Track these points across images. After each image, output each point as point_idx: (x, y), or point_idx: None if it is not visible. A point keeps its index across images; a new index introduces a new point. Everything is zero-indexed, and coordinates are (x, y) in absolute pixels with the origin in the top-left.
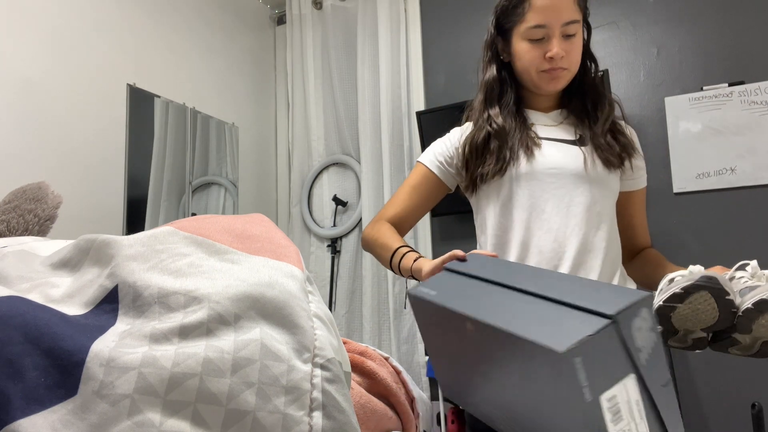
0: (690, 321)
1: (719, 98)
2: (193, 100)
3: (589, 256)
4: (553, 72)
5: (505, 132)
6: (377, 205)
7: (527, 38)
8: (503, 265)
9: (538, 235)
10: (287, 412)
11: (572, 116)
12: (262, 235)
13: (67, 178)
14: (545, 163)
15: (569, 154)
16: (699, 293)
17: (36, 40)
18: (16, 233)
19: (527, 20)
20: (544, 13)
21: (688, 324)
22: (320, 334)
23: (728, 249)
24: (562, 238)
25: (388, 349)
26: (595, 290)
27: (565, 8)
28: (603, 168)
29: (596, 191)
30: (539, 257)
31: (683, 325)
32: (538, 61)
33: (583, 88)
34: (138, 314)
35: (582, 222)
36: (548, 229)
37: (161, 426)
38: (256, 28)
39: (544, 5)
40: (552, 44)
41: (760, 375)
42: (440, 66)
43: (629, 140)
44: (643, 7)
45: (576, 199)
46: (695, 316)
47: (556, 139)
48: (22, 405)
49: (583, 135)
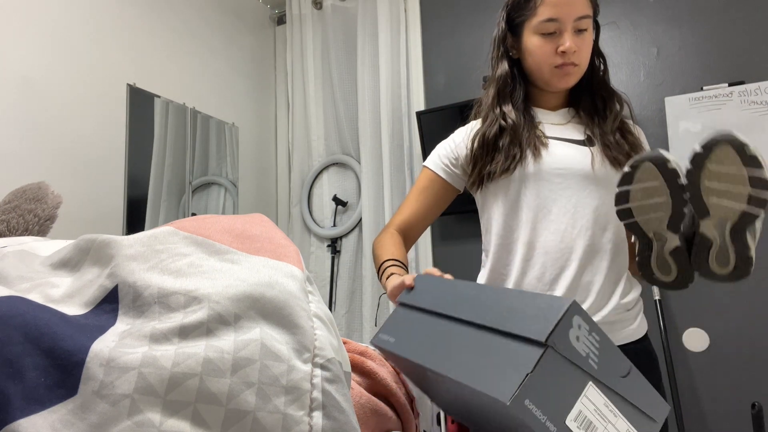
0: (648, 211)
1: (719, 98)
2: (193, 100)
3: (596, 258)
4: (565, 68)
5: (518, 129)
6: (377, 205)
7: (539, 32)
8: (448, 289)
9: (544, 236)
10: (287, 412)
11: (580, 114)
12: (262, 235)
13: (67, 178)
14: (553, 163)
15: (577, 154)
16: (643, 164)
17: (36, 39)
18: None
19: (539, 14)
20: (557, 7)
21: (650, 219)
22: (320, 334)
23: None
24: (569, 239)
25: None
26: (528, 308)
27: (578, 2)
28: (611, 168)
29: (604, 192)
30: (545, 257)
31: (648, 225)
32: (549, 55)
33: (592, 86)
34: (138, 314)
35: (589, 223)
36: (555, 230)
37: (161, 426)
38: (256, 28)
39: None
40: (564, 38)
41: (760, 375)
42: (440, 66)
43: (638, 139)
44: (643, 7)
45: (583, 200)
46: (648, 197)
47: (565, 139)
48: (22, 405)
49: (592, 134)
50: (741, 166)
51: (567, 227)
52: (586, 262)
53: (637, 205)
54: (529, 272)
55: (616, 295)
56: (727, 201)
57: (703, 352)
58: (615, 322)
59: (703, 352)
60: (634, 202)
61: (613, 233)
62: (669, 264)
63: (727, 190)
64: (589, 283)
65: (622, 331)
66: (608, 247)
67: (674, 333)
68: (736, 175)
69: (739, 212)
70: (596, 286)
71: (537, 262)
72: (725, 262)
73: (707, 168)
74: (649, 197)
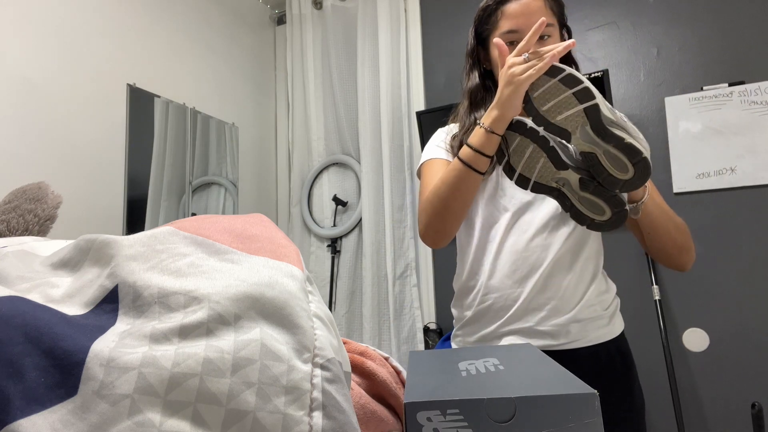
0: (533, 166)
1: (719, 98)
2: (193, 100)
3: (568, 256)
4: None
5: None
6: (377, 205)
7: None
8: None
9: (516, 235)
10: (287, 412)
11: None
12: (262, 235)
13: (67, 178)
14: None
15: None
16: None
17: (36, 40)
18: (16, 233)
19: (501, 26)
20: (516, 19)
21: (540, 172)
22: (320, 334)
23: (728, 249)
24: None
25: (388, 349)
26: None
27: (537, 13)
28: None
29: None
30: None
31: (544, 177)
32: None
33: None
34: (138, 314)
35: (562, 222)
36: (527, 229)
37: (161, 426)
38: (256, 28)
39: (515, 12)
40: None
41: (760, 375)
42: (440, 66)
43: None
44: (643, 7)
45: (552, 201)
46: (522, 154)
47: None
48: (22, 405)
49: None
50: (547, 78)
51: (540, 227)
52: (559, 260)
53: (522, 166)
54: (500, 271)
55: (588, 293)
56: (566, 111)
57: (703, 352)
58: (588, 321)
59: (703, 352)
60: (517, 166)
61: (586, 232)
62: (590, 199)
63: (557, 102)
64: (559, 282)
65: (596, 331)
66: (583, 246)
67: (674, 333)
68: (552, 88)
69: (582, 111)
70: (565, 284)
71: (508, 261)
72: (621, 166)
73: (535, 98)
74: (523, 153)
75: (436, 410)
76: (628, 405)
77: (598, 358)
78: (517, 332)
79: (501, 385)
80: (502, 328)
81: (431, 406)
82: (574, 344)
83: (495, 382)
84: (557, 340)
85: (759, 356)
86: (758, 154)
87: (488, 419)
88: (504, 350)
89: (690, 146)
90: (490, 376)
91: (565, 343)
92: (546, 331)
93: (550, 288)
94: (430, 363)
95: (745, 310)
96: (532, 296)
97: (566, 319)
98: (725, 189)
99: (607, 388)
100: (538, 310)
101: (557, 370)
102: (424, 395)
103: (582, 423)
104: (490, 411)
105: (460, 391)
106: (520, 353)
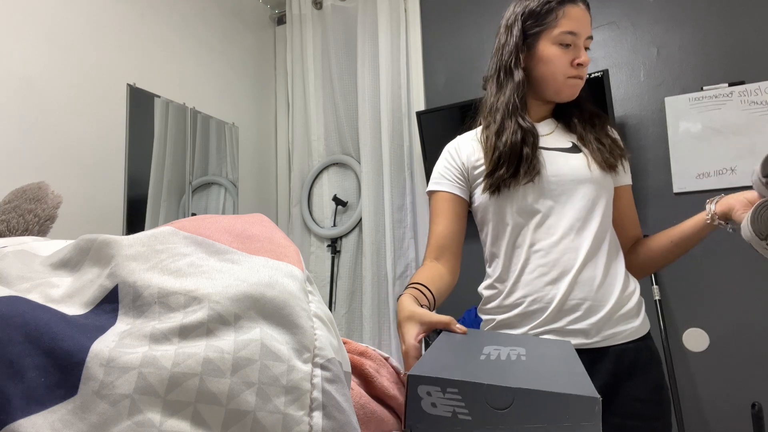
0: None
1: (719, 98)
2: (193, 100)
3: (596, 256)
4: (576, 80)
5: (537, 139)
6: (377, 205)
7: (558, 43)
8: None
9: (548, 239)
10: (287, 412)
11: (562, 124)
12: (262, 235)
13: (67, 178)
14: (552, 170)
15: (572, 161)
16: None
17: (36, 39)
18: (16, 233)
19: (561, 25)
20: (578, 22)
21: None
22: (320, 334)
23: (728, 249)
24: (571, 240)
25: (388, 349)
26: None
27: (589, 24)
28: (601, 170)
29: (599, 192)
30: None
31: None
32: (565, 66)
33: (579, 98)
34: (138, 314)
35: (589, 224)
36: (558, 233)
37: (161, 426)
38: (256, 28)
39: (577, 16)
40: (581, 52)
41: (760, 375)
42: (440, 66)
43: (617, 140)
44: (643, 7)
45: (582, 203)
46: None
47: (556, 148)
48: (22, 405)
49: (583, 140)
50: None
51: (566, 229)
52: (589, 260)
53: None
54: (531, 274)
55: (619, 291)
56: None
57: (703, 352)
58: (618, 318)
59: (703, 352)
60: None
61: (610, 233)
62: None
63: None
64: (591, 282)
65: (625, 329)
66: (606, 246)
67: (674, 333)
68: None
69: None
70: (597, 284)
71: (538, 264)
72: None
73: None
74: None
75: (437, 387)
76: (659, 400)
77: (632, 355)
78: (552, 332)
79: (508, 374)
80: (537, 329)
81: (432, 381)
82: (607, 342)
83: (504, 371)
84: (590, 338)
85: (759, 356)
86: (758, 154)
87: (485, 403)
88: (536, 342)
89: (690, 146)
90: (506, 363)
91: (599, 341)
92: (581, 329)
93: (583, 288)
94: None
95: (745, 310)
96: (566, 297)
97: (600, 317)
98: (725, 189)
99: (641, 385)
100: (573, 311)
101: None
102: (429, 371)
103: (578, 424)
104: (489, 396)
105: (465, 373)
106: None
